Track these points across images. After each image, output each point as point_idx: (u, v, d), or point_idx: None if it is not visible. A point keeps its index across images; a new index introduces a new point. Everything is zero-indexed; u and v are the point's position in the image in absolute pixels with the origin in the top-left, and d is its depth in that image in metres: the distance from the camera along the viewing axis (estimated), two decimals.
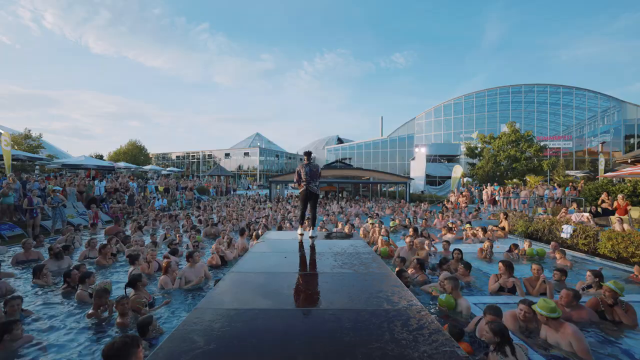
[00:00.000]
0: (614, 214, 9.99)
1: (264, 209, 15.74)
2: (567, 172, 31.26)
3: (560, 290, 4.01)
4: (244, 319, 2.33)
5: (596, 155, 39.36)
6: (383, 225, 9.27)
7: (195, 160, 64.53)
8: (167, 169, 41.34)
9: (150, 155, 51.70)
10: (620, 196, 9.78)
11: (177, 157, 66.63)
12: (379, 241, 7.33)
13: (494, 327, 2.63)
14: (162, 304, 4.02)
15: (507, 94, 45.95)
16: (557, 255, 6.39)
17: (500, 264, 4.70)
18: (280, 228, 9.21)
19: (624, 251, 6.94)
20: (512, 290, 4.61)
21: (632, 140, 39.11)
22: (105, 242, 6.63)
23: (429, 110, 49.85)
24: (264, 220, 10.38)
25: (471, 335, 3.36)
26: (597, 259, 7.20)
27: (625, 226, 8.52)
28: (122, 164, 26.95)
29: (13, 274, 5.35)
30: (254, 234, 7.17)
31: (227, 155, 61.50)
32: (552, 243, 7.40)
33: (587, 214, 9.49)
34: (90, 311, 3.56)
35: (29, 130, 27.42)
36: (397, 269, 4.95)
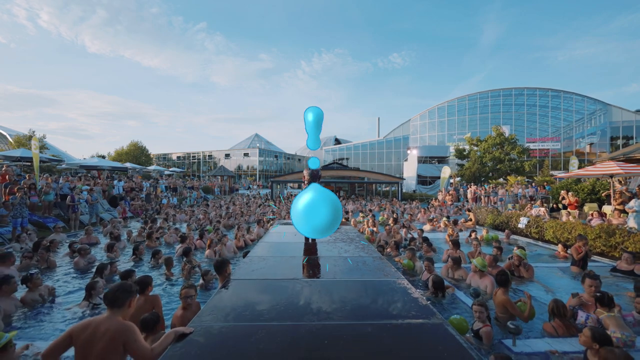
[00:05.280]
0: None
1: (268, 206, 17.44)
2: (553, 172, 33.22)
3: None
4: (274, 263, 4.08)
5: (584, 156, 41.40)
6: (373, 220, 11.01)
7: (196, 160, 65.89)
8: (170, 169, 42.88)
9: (152, 156, 52.98)
10: (570, 194, 11.59)
11: (178, 157, 67.90)
12: (367, 231, 9.08)
13: (434, 278, 4.41)
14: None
15: (499, 97, 47.67)
16: (494, 251, 8.14)
17: (450, 242, 6.47)
18: None
19: (561, 237, 8.73)
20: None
21: (618, 142, 41.10)
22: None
23: (423, 112, 51.55)
24: (270, 215, 12.14)
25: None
26: (540, 243, 9.01)
27: (571, 218, 10.33)
28: (128, 165, 28.53)
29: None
30: (267, 224, 8.96)
31: (227, 155, 62.92)
32: (506, 231, 9.19)
33: (543, 209, 11.28)
34: (166, 272, 5.29)
35: (33, 132, 28.64)
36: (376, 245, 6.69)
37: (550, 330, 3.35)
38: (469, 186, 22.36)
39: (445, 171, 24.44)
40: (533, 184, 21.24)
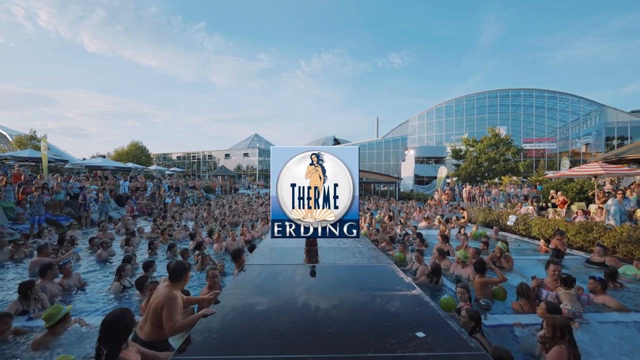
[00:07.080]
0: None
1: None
2: (548, 172, 33.85)
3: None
4: (280, 252, 4.66)
5: (579, 156, 42.06)
6: (370, 217, 11.62)
7: (196, 160, 66.39)
8: (170, 169, 43.39)
9: (152, 156, 53.38)
10: (559, 193, 12.21)
11: (178, 157, 68.37)
12: (364, 227, 9.68)
13: (432, 265, 4.99)
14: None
15: (496, 98, 48.19)
16: (481, 245, 8.66)
17: (439, 237, 7.06)
18: None
19: (545, 233, 9.34)
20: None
21: (613, 142, 41.75)
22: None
23: (421, 113, 52.07)
24: None
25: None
26: (526, 239, 9.61)
27: (556, 216, 10.95)
28: (130, 165, 29.04)
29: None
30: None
31: (227, 155, 63.42)
32: (495, 228, 9.79)
33: (531, 207, 11.89)
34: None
35: (34, 132, 29.06)
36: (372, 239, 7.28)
37: (517, 309, 3.94)
38: (464, 186, 22.99)
39: (442, 171, 25.06)
40: (527, 184, 21.87)
